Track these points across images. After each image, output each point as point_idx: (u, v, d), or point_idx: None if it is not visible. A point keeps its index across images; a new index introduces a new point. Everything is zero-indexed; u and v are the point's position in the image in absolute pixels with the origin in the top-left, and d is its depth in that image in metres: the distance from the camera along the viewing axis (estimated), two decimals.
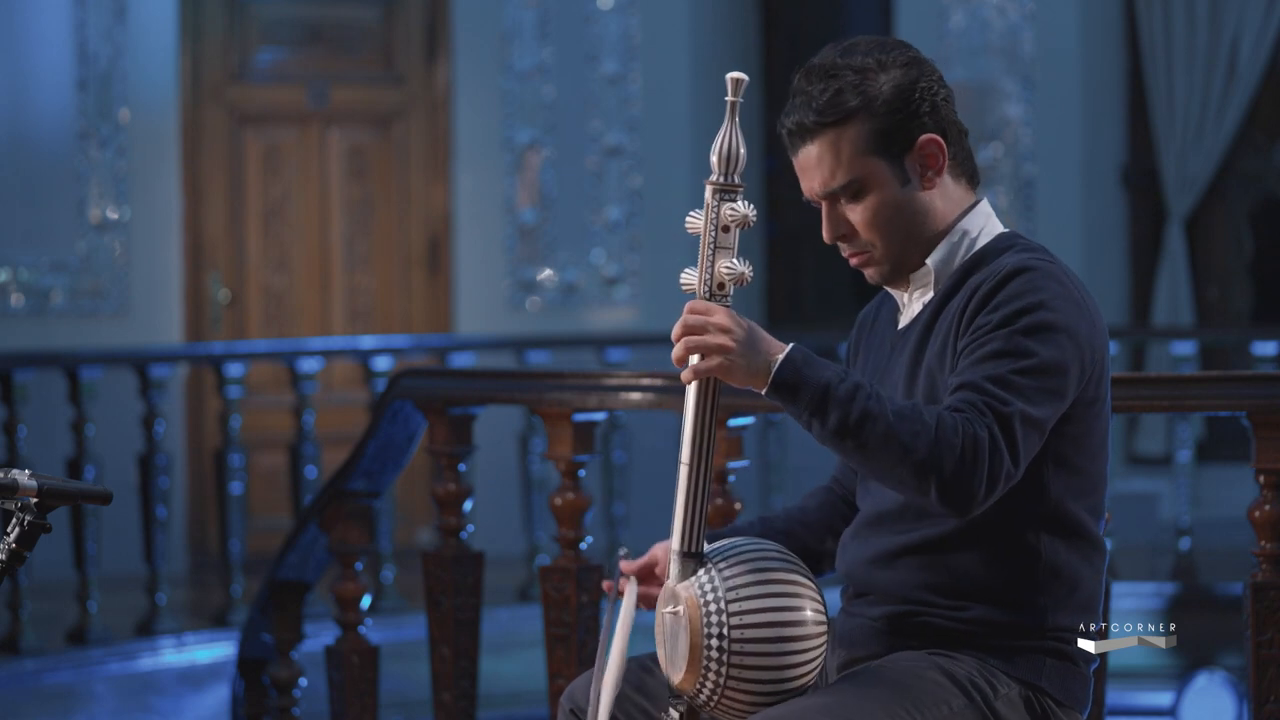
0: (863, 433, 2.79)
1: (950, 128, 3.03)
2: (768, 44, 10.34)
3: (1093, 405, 2.97)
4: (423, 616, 4.54)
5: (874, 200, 3.01)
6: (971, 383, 2.86)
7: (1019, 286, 2.91)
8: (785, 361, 2.81)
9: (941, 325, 3.00)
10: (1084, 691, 3.04)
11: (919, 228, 3.03)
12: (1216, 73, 9.54)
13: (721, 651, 2.85)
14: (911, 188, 3.01)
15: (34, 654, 7.21)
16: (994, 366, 2.86)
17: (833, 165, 3.00)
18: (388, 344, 8.63)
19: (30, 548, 2.74)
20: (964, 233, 3.04)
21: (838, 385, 2.81)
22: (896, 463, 2.79)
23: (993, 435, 2.81)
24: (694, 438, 2.86)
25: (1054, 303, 2.90)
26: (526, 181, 9.95)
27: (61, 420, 7.66)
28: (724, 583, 2.86)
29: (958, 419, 2.81)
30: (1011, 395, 2.83)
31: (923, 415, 2.80)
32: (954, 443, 2.78)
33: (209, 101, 9.70)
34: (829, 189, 3.02)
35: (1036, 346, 2.87)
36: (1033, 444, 2.86)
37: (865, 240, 3.03)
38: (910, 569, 3.00)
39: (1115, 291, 9.79)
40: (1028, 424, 2.84)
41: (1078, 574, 3.00)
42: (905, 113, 2.98)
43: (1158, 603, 8.17)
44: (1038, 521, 2.97)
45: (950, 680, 2.94)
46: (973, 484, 2.79)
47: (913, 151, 3.00)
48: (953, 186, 3.05)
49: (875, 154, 2.99)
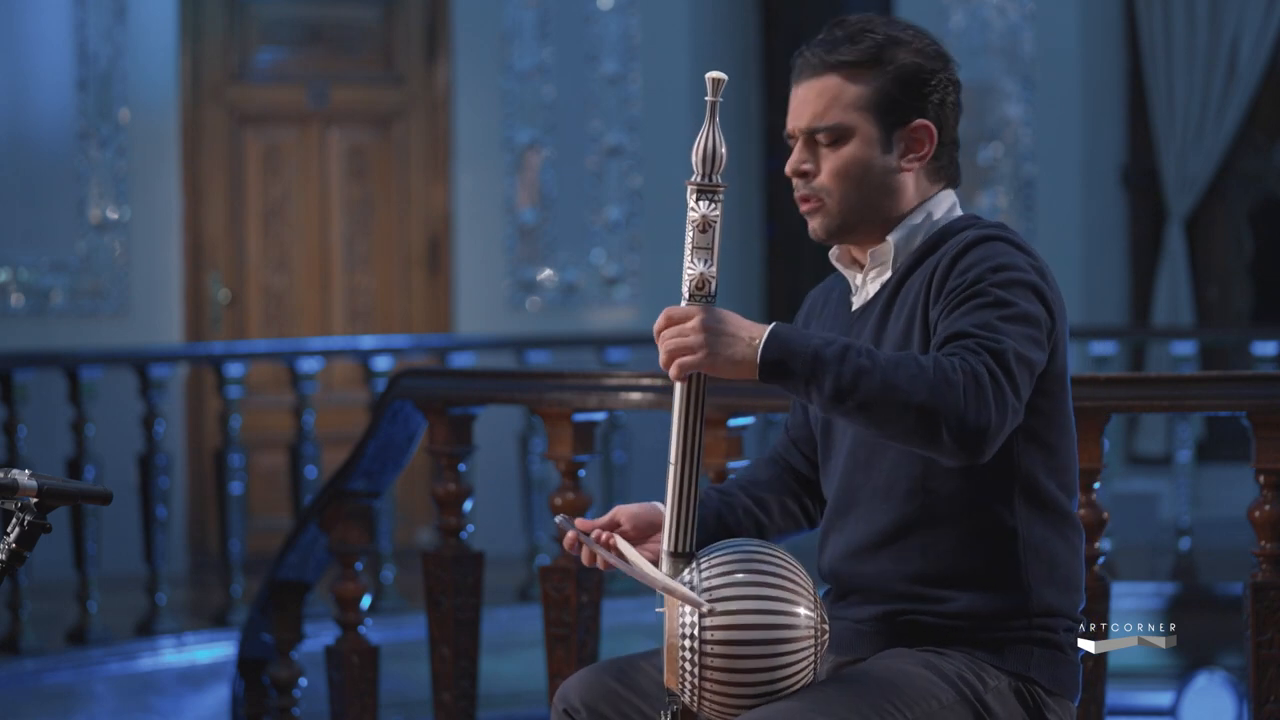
0: (859, 390, 2.76)
1: (947, 128, 3.05)
2: (768, 44, 10.34)
3: (1059, 380, 2.98)
4: (423, 616, 4.54)
5: (851, 152, 3.02)
6: (958, 330, 2.85)
7: (986, 250, 2.93)
8: (769, 339, 2.80)
9: (903, 301, 3.00)
10: (1073, 679, 3.04)
11: (878, 198, 3.03)
12: (1216, 73, 9.55)
13: (692, 652, 2.83)
14: (890, 159, 3.03)
15: (34, 654, 7.21)
16: (979, 316, 2.86)
17: (829, 104, 3.02)
18: (388, 344, 8.63)
19: (30, 548, 2.74)
20: (927, 214, 3.06)
21: (825, 349, 2.79)
22: (901, 412, 2.76)
23: (990, 369, 2.79)
24: (681, 437, 2.85)
25: (1022, 265, 2.92)
26: (526, 181, 9.95)
27: (61, 420, 7.66)
28: (701, 583, 2.85)
29: (953, 360, 2.79)
30: (1001, 335, 2.83)
31: (918, 360, 2.78)
32: (955, 380, 2.76)
33: (209, 101, 9.70)
34: (815, 125, 3.03)
35: (1014, 298, 2.88)
36: (1027, 383, 2.85)
37: (824, 185, 3.04)
38: (890, 561, 3.00)
39: (1115, 291, 9.79)
40: (1021, 361, 2.83)
41: (1054, 550, 2.99)
42: (914, 90, 3.02)
43: (1158, 603, 8.17)
44: (1011, 497, 2.96)
45: (938, 675, 2.94)
46: (981, 418, 2.76)
47: (905, 128, 3.02)
48: (926, 182, 3.06)
49: (871, 112, 3.01)
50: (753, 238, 10.08)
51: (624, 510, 3.07)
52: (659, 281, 9.83)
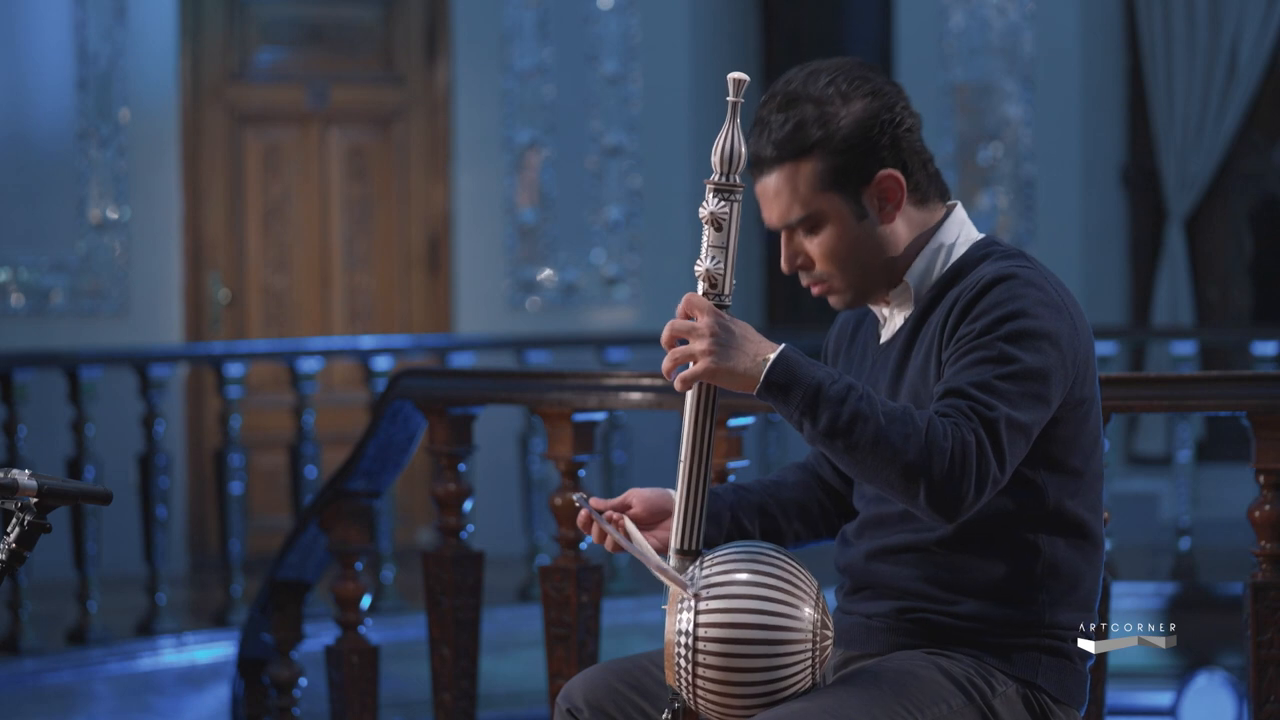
0: (853, 434, 2.79)
1: (912, 159, 3.01)
2: (768, 44, 10.34)
3: (1080, 406, 2.97)
4: (423, 616, 4.54)
5: (830, 234, 3.01)
6: (957, 389, 2.86)
7: (999, 295, 2.91)
8: (777, 361, 2.81)
9: (923, 340, 3.00)
10: (1081, 689, 3.04)
11: (877, 259, 3.03)
12: (1216, 72, 9.54)
13: (687, 649, 2.84)
14: (869, 222, 3.01)
15: (34, 654, 7.21)
16: (978, 373, 2.86)
17: (789, 199, 3.00)
18: (388, 344, 8.63)
19: (30, 548, 2.74)
20: (940, 245, 3.05)
21: (829, 385, 2.81)
22: (886, 465, 2.80)
23: (979, 440, 2.81)
24: (692, 437, 2.86)
25: (1035, 309, 2.90)
26: (526, 181, 9.95)
27: (61, 420, 7.66)
28: (702, 580, 2.86)
29: (946, 424, 2.81)
30: (996, 400, 2.84)
31: (914, 418, 2.80)
32: (944, 447, 2.79)
33: (209, 101, 9.70)
34: (786, 222, 3.02)
35: (1019, 353, 2.87)
36: (1019, 449, 2.87)
37: (823, 272, 3.04)
38: (909, 564, 3.01)
39: (1115, 291, 9.79)
40: (1013, 429, 2.84)
41: (1078, 571, 3.00)
42: (864, 149, 2.97)
43: (1158, 603, 8.17)
44: (1038, 523, 2.98)
45: (948, 679, 2.94)
46: (961, 489, 2.80)
47: (870, 186, 3.00)
48: (915, 213, 3.04)
49: (832, 189, 2.98)
50: (753, 238, 10.08)
51: (637, 493, 3.09)
52: (659, 281, 9.83)
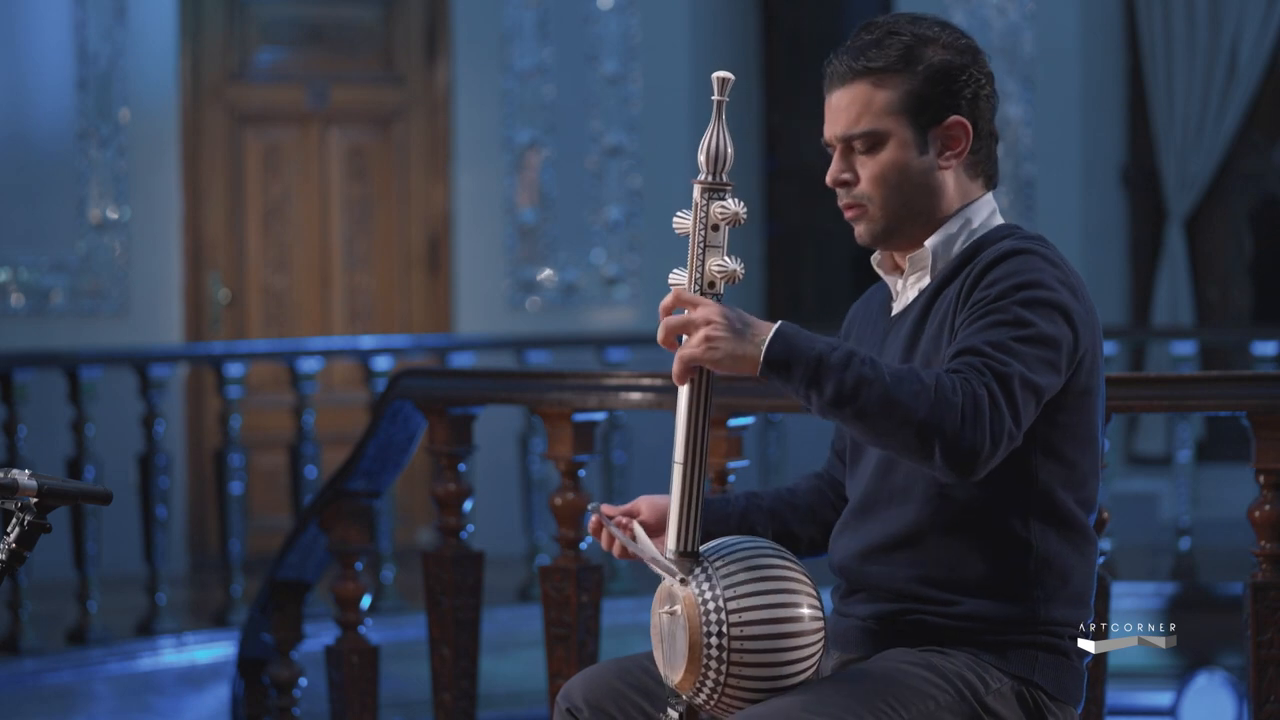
0: (860, 398, 2.77)
1: (982, 122, 3.05)
2: (768, 44, 10.34)
3: (1084, 396, 2.97)
4: (423, 616, 4.54)
5: (887, 157, 3.02)
6: (970, 347, 2.86)
7: (1016, 264, 2.93)
8: (775, 338, 2.80)
9: (938, 309, 3.00)
10: (1077, 686, 3.04)
11: (920, 199, 3.04)
12: (1216, 72, 9.54)
13: (721, 650, 2.84)
14: (927, 159, 3.03)
15: (34, 654, 7.21)
16: (993, 334, 2.86)
17: (860, 112, 3.02)
18: (388, 344, 8.63)
19: (30, 548, 2.74)
20: (966, 220, 3.06)
21: (830, 354, 2.79)
22: (898, 426, 2.77)
23: (992, 393, 2.80)
24: (687, 437, 2.85)
25: (1050, 283, 2.92)
26: (526, 181, 9.95)
27: (61, 420, 7.66)
28: (721, 580, 2.86)
29: (956, 379, 2.80)
30: (1011, 359, 2.83)
31: (920, 376, 2.79)
32: (954, 401, 2.77)
33: (209, 101, 9.70)
34: (849, 133, 3.03)
35: (1034, 318, 2.88)
36: (1030, 409, 2.85)
37: (865, 193, 3.04)
38: (902, 563, 3.00)
39: (1115, 291, 9.79)
40: (1026, 387, 2.83)
41: (1069, 565, 2.99)
42: (945, 88, 3.02)
43: (1158, 603, 8.17)
44: (1028, 511, 2.97)
45: (937, 675, 2.94)
46: (976, 442, 2.77)
47: (940, 127, 3.02)
48: (966, 178, 3.06)
49: (903, 114, 3.01)
50: (753, 238, 10.08)
51: (646, 500, 3.12)
52: (659, 281, 9.79)
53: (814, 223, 10.02)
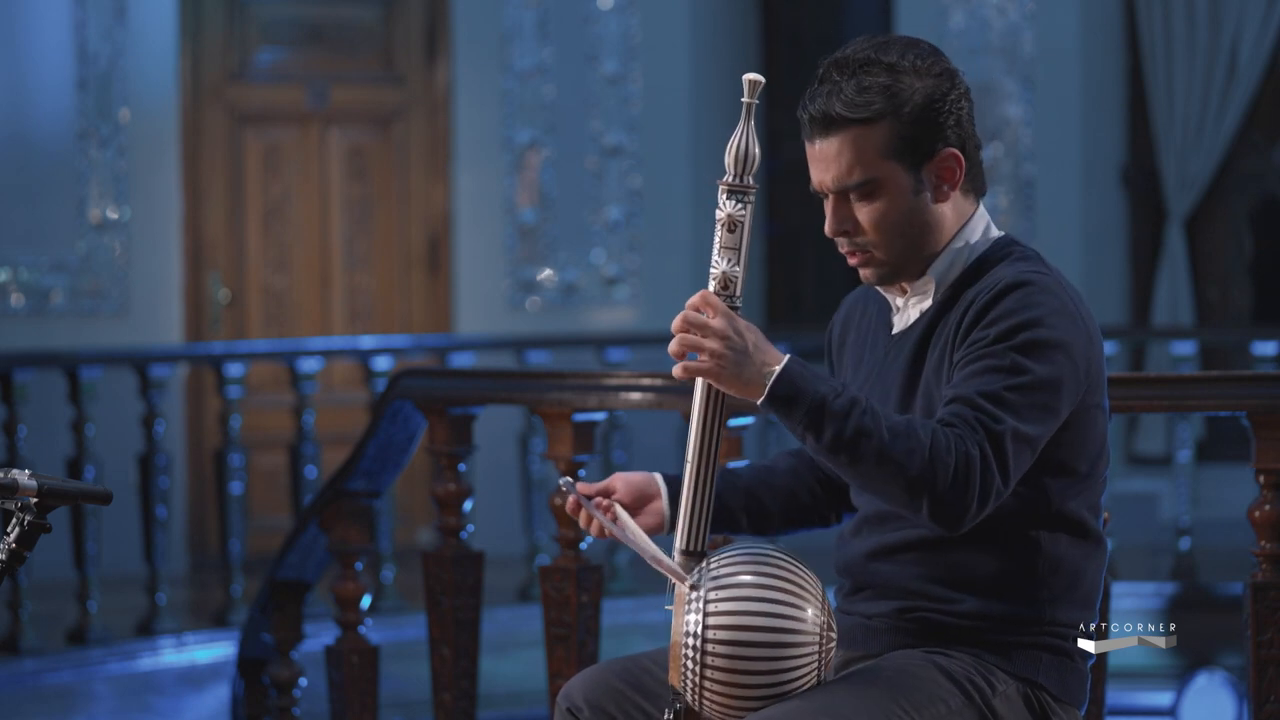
0: (857, 449, 2.80)
1: (970, 144, 3.03)
2: (768, 45, 10.34)
3: (1089, 412, 2.97)
4: (423, 616, 4.54)
5: (885, 203, 3.00)
6: (965, 397, 2.86)
7: (1015, 302, 2.90)
8: (782, 374, 2.81)
9: (939, 338, 3.00)
10: (1082, 687, 3.04)
11: (923, 237, 3.02)
12: (1216, 73, 9.54)
13: (696, 650, 2.84)
14: (924, 197, 3.01)
15: (34, 654, 7.21)
16: (988, 382, 2.86)
17: (851, 162, 2.98)
18: (388, 344, 8.63)
19: (30, 548, 2.74)
20: (965, 242, 3.05)
21: (833, 400, 2.81)
22: (890, 479, 2.81)
23: (984, 454, 2.81)
24: (699, 437, 2.86)
25: (1049, 319, 2.90)
26: (526, 181, 9.95)
27: (61, 420, 7.65)
28: (710, 582, 2.86)
29: (950, 436, 2.81)
30: (1004, 412, 2.84)
31: (917, 432, 2.80)
32: (947, 461, 2.79)
33: (209, 101, 9.70)
34: (843, 185, 3.00)
35: (1031, 363, 2.87)
36: (1024, 461, 2.87)
37: (868, 240, 3.02)
38: (909, 563, 3.01)
39: (1115, 291, 9.79)
40: (1019, 441, 2.85)
41: (1079, 569, 3.00)
42: (931, 123, 2.98)
43: (1158, 603, 8.17)
44: (1040, 522, 2.98)
45: (947, 678, 2.94)
46: (964, 502, 2.81)
47: (932, 162, 3.00)
48: (961, 200, 3.05)
49: (895, 158, 2.98)
50: (753, 238, 10.08)
51: (621, 477, 3.11)
52: (659, 281, 9.83)
53: (814, 223, 10.00)
